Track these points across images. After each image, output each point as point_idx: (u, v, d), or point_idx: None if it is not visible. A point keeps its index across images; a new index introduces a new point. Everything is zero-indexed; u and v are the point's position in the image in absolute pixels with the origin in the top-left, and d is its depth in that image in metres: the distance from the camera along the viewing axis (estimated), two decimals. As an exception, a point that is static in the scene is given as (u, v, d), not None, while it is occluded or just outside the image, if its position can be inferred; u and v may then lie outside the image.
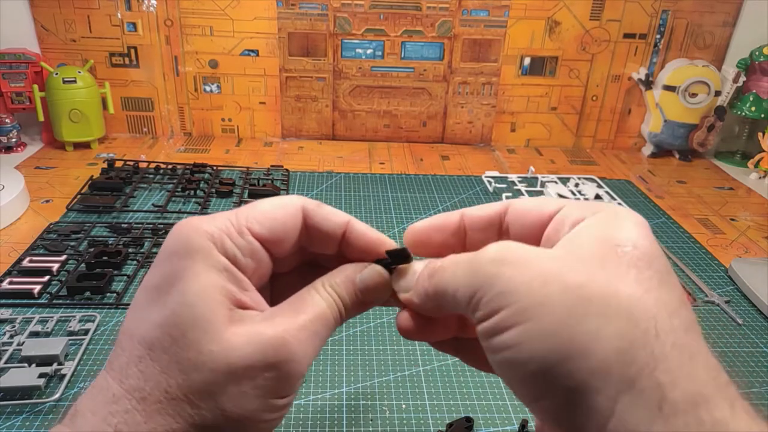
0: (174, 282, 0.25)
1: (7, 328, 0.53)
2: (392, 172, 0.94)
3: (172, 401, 0.23)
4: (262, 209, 0.28)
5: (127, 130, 1.05)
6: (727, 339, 0.57)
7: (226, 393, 0.24)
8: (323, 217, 0.29)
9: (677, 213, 0.85)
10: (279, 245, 0.28)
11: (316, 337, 0.26)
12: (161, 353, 0.24)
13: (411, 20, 0.99)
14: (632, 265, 0.22)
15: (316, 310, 0.27)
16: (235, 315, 0.25)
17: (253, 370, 0.24)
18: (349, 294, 0.28)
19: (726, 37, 1.03)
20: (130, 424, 0.23)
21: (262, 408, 0.24)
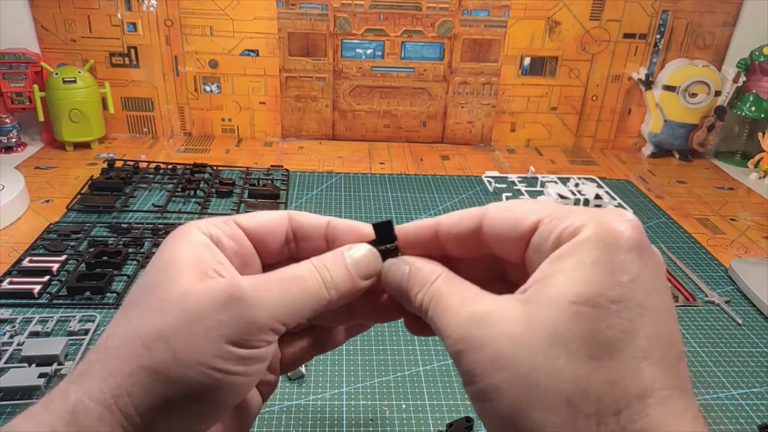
0: (155, 259, 0.27)
1: (7, 328, 0.53)
2: (392, 172, 0.94)
3: (127, 344, 0.25)
4: (250, 213, 0.31)
5: (127, 130, 1.05)
6: (727, 339, 0.57)
7: (177, 334, 0.24)
8: (306, 217, 0.31)
9: (677, 213, 0.85)
10: (264, 240, 0.30)
11: (286, 295, 0.26)
12: (132, 308, 0.26)
13: (411, 20, 0.99)
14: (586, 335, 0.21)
15: (290, 272, 0.27)
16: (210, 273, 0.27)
17: (205, 312, 0.25)
18: (338, 267, 0.28)
19: (726, 37, 1.03)
20: (88, 375, 0.24)
21: (215, 352, 0.24)
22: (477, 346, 0.23)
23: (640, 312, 0.22)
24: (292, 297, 0.27)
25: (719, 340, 0.57)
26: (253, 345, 0.25)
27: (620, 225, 0.23)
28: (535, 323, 0.22)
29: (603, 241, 0.23)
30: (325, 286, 0.28)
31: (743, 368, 0.54)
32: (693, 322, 0.60)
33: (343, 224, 0.31)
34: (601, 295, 0.22)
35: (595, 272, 0.22)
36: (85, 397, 0.24)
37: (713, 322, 0.60)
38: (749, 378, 0.52)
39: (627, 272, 0.22)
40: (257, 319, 0.25)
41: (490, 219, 0.27)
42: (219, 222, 0.29)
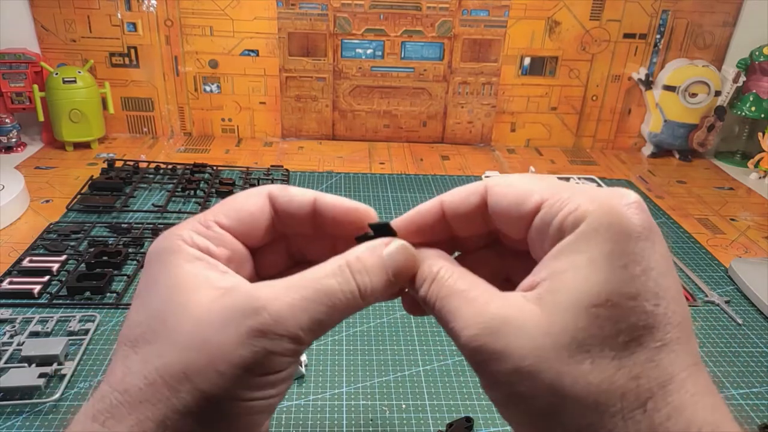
0: (152, 284, 0.25)
1: (7, 328, 0.53)
2: (392, 172, 0.94)
3: (151, 387, 0.23)
4: (228, 203, 0.28)
5: (127, 130, 1.05)
6: (727, 339, 0.57)
7: (203, 374, 0.23)
8: (288, 199, 0.29)
9: (677, 213, 0.85)
10: (250, 234, 0.28)
11: (309, 313, 0.24)
12: (144, 345, 0.24)
13: (411, 20, 0.99)
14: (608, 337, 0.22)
15: (319, 284, 0.25)
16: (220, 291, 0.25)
17: (227, 347, 0.23)
18: (378, 273, 0.26)
19: (726, 37, 1.03)
20: (116, 416, 0.23)
21: (242, 386, 0.23)
22: (498, 357, 0.23)
23: (655, 302, 0.22)
24: (317, 316, 0.24)
25: (719, 340, 0.57)
26: (279, 369, 0.24)
27: (627, 210, 0.22)
28: (556, 330, 0.22)
29: (612, 231, 0.22)
30: (362, 296, 0.25)
31: (743, 368, 0.54)
32: (693, 322, 0.60)
33: (330, 213, 0.28)
34: (618, 293, 0.22)
35: (609, 269, 0.22)
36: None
37: (713, 322, 0.60)
38: (749, 378, 0.52)
39: (639, 263, 0.22)
40: (281, 348, 0.24)
41: (494, 195, 0.26)
42: (201, 228, 0.27)
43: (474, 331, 0.23)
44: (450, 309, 0.25)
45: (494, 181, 0.27)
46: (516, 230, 0.26)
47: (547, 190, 0.25)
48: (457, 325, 0.24)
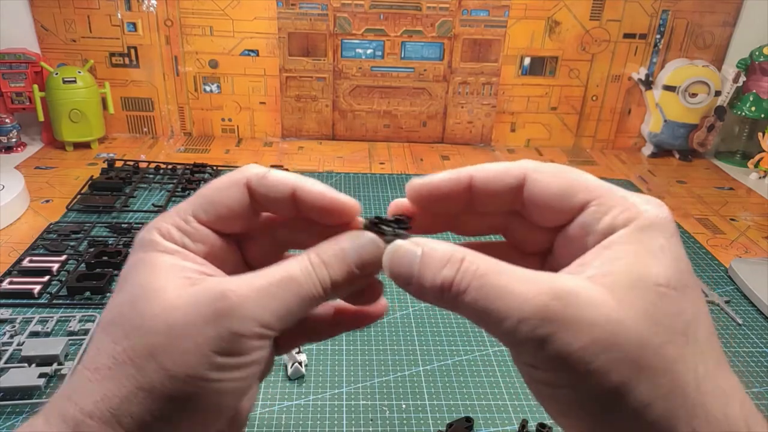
0: (129, 273, 0.27)
1: (7, 328, 0.53)
2: (392, 172, 0.94)
3: (119, 366, 0.24)
4: (206, 195, 0.28)
5: (127, 130, 1.05)
6: (727, 339, 0.57)
7: (167, 352, 0.24)
8: (268, 187, 0.28)
9: (677, 213, 0.85)
10: (230, 225, 0.29)
11: (276, 300, 0.25)
12: (114, 327, 0.25)
13: (411, 20, 0.99)
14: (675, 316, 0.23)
15: (283, 271, 0.26)
16: (193, 281, 0.26)
17: (192, 327, 0.24)
18: (340, 265, 0.27)
19: (726, 37, 1.03)
20: (84, 392, 0.24)
21: (206, 366, 0.24)
22: (573, 328, 0.22)
23: (697, 296, 0.24)
24: (284, 302, 0.26)
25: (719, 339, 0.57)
26: (243, 353, 0.25)
27: (667, 213, 0.25)
28: (628, 304, 0.22)
29: (664, 229, 0.24)
30: (323, 286, 0.26)
31: (743, 368, 0.54)
32: (693, 322, 0.60)
33: (314, 197, 0.28)
34: (677, 279, 0.23)
35: (665, 259, 0.23)
36: (86, 417, 0.24)
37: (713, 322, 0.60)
38: (749, 378, 0.52)
39: (683, 259, 0.24)
40: (246, 330, 0.25)
41: (536, 182, 0.27)
42: (180, 223, 0.28)
43: (543, 301, 0.22)
44: (498, 285, 0.23)
45: (534, 166, 0.27)
46: (551, 220, 0.27)
47: (595, 191, 0.25)
48: (512, 302, 0.22)
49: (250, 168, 0.29)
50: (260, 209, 0.29)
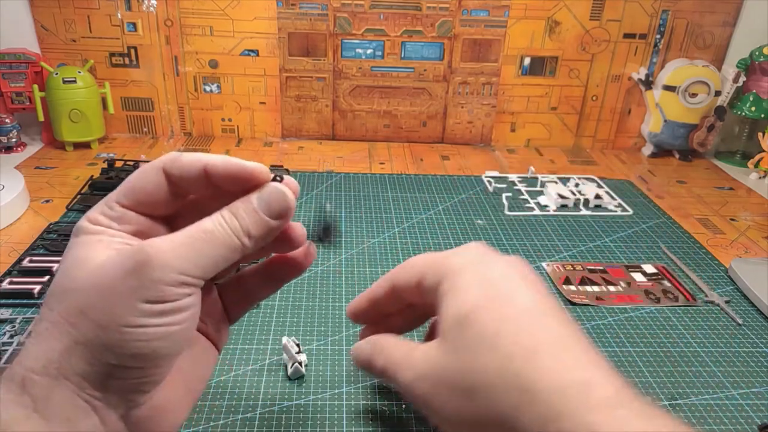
0: (64, 255, 0.30)
1: (8, 328, 0.53)
2: (392, 172, 0.94)
3: (55, 325, 0.27)
4: (128, 182, 0.31)
5: (127, 130, 1.05)
6: (727, 339, 0.57)
7: (96, 307, 0.27)
8: (181, 168, 0.31)
9: (677, 213, 0.85)
10: (151, 207, 0.31)
11: (193, 250, 0.28)
12: (49, 297, 0.29)
13: (411, 20, 0.99)
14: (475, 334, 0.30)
15: (198, 227, 0.29)
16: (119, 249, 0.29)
17: (115, 281, 0.27)
18: (249, 213, 0.30)
19: (726, 37, 1.03)
20: (28, 356, 0.27)
21: (132, 313, 0.27)
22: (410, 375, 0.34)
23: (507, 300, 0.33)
24: (200, 252, 0.28)
25: (719, 340, 0.57)
26: (168, 299, 0.27)
27: (472, 250, 0.37)
28: (444, 345, 0.32)
29: (466, 266, 0.35)
30: (236, 234, 0.29)
31: (743, 368, 0.54)
32: (693, 322, 0.60)
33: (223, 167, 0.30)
34: (484, 298, 0.33)
35: (471, 288, 0.33)
36: (30, 373, 0.27)
37: (713, 322, 0.60)
38: (749, 378, 0.52)
39: (490, 280, 0.34)
40: (166, 277, 0.27)
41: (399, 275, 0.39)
42: (105, 209, 0.31)
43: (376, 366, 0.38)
44: (393, 367, 0.36)
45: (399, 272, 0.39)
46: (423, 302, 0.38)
47: (428, 266, 0.37)
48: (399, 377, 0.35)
49: (166, 155, 0.32)
50: (179, 191, 0.32)
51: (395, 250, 0.70)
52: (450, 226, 0.76)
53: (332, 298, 0.61)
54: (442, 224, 0.77)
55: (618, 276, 0.67)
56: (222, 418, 0.45)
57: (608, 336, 0.57)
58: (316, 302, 0.60)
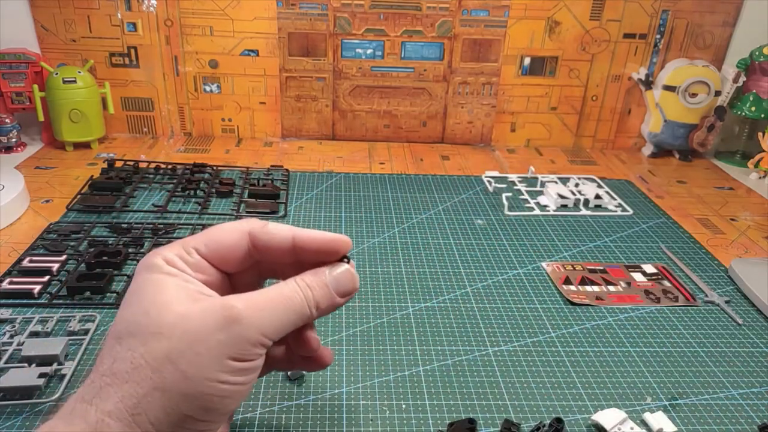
0: (138, 290, 0.30)
1: (7, 328, 0.53)
2: (392, 172, 0.94)
3: (136, 370, 0.27)
4: (210, 234, 0.33)
5: (127, 130, 1.05)
6: (727, 339, 0.57)
7: (183, 356, 0.27)
8: (269, 234, 0.33)
9: (677, 213, 0.85)
10: (225, 263, 0.33)
11: (274, 313, 0.30)
12: (129, 337, 0.28)
13: (411, 20, 0.99)
14: None
15: (276, 291, 0.31)
16: (198, 298, 0.29)
17: (205, 333, 0.27)
18: (320, 287, 0.32)
19: (726, 37, 1.03)
20: (103, 396, 0.27)
21: (219, 368, 0.27)
22: None
23: None
24: (279, 315, 0.30)
25: (719, 340, 0.57)
26: (249, 358, 0.28)
27: None
28: None
29: None
30: (308, 304, 0.31)
31: (743, 368, 0.54)
32: (693, 322, 0.60)
33: (310, 243, 0.33)
34: None
35: None
36: (106, 416, 0.26)
37: (713, 322, 0.60)
38: (749, 378, 0.52)
39: None
40: (251, 337, 0.28)
41: None
42: (183, 253, 0.32)
43: None
44: None
45: None
46: None
47: None
48: None
49: (252, 220, 0.34)
50: (257, 255, 0.34)
51: (395, 250, 0.70)
52: (450, 226, 0.76)
53: (332, 298, 0.61)
54: (442, 224, 0.77)
55: (618, 276, 0.67)
56: (222, 418, 0.45)
57: (608, 336, 0.57)
58: (316, 302, 0.60)
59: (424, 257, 0.69)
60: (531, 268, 0.68)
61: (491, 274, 0.66)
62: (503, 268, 0.68)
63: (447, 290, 0.63)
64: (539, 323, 0.58)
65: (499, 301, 0.61)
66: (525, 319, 0.59)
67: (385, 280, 0.64)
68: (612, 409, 0.47)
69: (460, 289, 0.63)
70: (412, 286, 0.63)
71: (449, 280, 0.65)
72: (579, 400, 0.49)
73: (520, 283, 0.65)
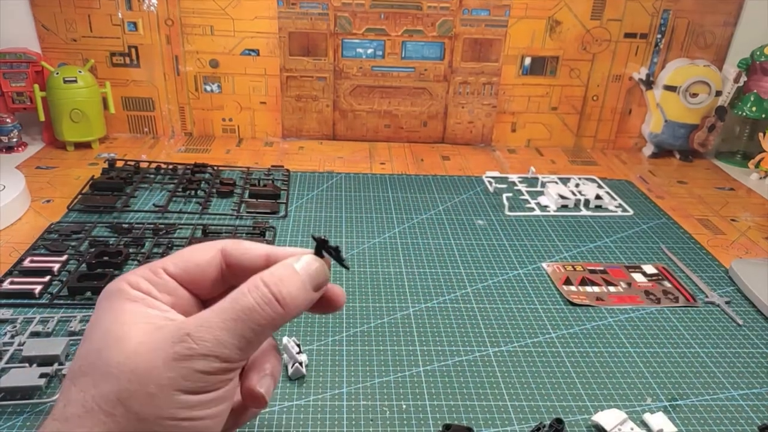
0: (95, 322, 0.28)
1: (8, 329, 0.53)
2: (393, 173, 0.94)
3: (89, 414, 0.25)
4: (180, 253, 0.31)
5: (128, 130, 1.05)
6: (727, 339, 0.57)
7: (135, 397, 0.25)
8: (241, 249, 0.31)
9: (678, 213, 0.85)
10: (197, 284, 0.31)
11: (233, 334, 0.26)
12: (81, 377, 0.26)
13: (412, 20, 0.99)
14: None
15: (237, 304, 0.27)
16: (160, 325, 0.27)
17: (155, 372, 0.25)
18: (292, 282, 0.29)
19: (727, 37, 1.03)
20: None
21: (175, 405, 0.25)
22: None
23: None
24: (243, 335, 0.27)
25: (719, 340, 0.57)
26: (209, 389, 0.26)
27: None
28: None
29: None
30: (281, 303, 0.28)
31: (743, 369, 0.54)
32: (693, 323, 0.60)
33: (284, 254, 0.30)
34: None
35: None
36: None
37: (713, 323, 0.60)
38: (749, 379, 0.52)
39: None
40: (209, 368, 0.26)
41: None
42: (148, 274, 0.29)
43: None
44: None
45: None
46: None
47: None
48: None
49: (227, 240, 0.32)
50: (231, 276, 0.31)
51: (395, 250, 0.70)
52: (450, 226, 0.76)
53: (333, 298, 0.61)
54: (443, 224, 0.77)
55: (618, 276, 0.67)
56: (222, 418, 0.45)
57: (608, 336, 0.57)
58: (316, 302, 0.60)
59: (425, 257, 0.69)
60: (531, 268, 0.68)
61: (492, 274, 0.66)
62: (504, 269, 0.68)
63: (447, 290, 0.63)
64: (539, 324, 0.58)
65: (499, 302, 0.61)
66: (525, 320, 0.59)
67: (386, 281, 0.64)
68: (612, 409, 0.47)
69: (461, 289, 0.63)
70: (412, 287, 0.63)
71: (450, 281, 0.65)
72: (579, 400, 0.49)
73: (520, 284, 0.65)
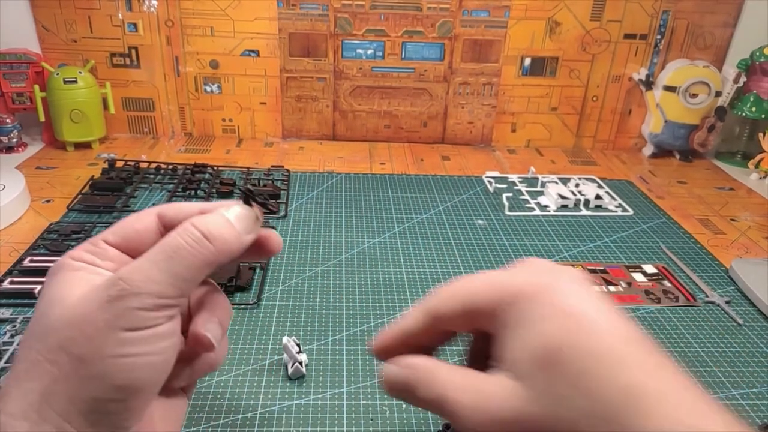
0: (42, 294, 0.29)
1: (8, 328, 0.53)
2: (393, 173, 0.94)
3: (34, 366, 0.27)
4: (119, 223, 0.32)
5: (128, 131, 1.05)
6: (727, 339, 0.57)
7: (75, 342, 0.26)
8: (177, 211, 0.32)
9: (678, 213, 0.85)
10: (137, 249, 0.31)
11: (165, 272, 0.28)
12: (29, 338, 0.28)
13: (411, 21, 0.99)
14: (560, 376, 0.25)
15: (167, 244, 0.29)
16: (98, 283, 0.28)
17: (91, 314, 0.27)
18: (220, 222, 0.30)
19: (726, 38, 1.03)
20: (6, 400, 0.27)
21: (115, 344, 0.26)
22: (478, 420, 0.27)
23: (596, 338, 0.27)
24: (174, 270, 0.28)
25: (720, 340, 0.57)
26: (148, 325, 0.27)
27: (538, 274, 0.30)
28: (527, 388, 0.26)
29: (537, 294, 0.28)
30: (208, 239, 0.29)
31: (743, 368, 0.54)
32: (693, 323, 0.60)
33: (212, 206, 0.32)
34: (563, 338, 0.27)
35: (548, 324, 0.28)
36: (10, 419, 0.26)
37: (714, 323, 0.60)
38: (750, 378, 0.52)
39: (570, 313, 0.28)
40: (143, 305, 0.27)
41: None
42: (89, 247, 0.31)
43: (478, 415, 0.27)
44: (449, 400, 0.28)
45: None
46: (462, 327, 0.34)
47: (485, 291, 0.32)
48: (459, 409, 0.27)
49: (164, 205, 0.33)
50: None
51: (395, 250, 0.70)
52: (450, 226, 0.76)
53: (332, 298, 0.61)
54: (443, 224, 0.77)
55: (618, 276, 0.67)
56: (222, 418, 0.45)
57: (608, 336, 0.57)
58: (316, 302, 0.60)
59: (425, 257, 0.69)
60: (531, 268, 0.68)
61: (491, 274, 0.66)
62: (503, 269, 0.68)
63: (447, 290, 0.63)
64: (539, 323, 0.58)
65: (499, 302, 0.61)
66: (525, 320, 0.59)
67: (386, 280, 0.64)
68: (612, 409, 0.47)
69: (461, 289, 0.63)
70: (412, 287, 0.63)
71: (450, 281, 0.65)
72: (579, 400, 0.49)
73: (520, 284, 0.65)
